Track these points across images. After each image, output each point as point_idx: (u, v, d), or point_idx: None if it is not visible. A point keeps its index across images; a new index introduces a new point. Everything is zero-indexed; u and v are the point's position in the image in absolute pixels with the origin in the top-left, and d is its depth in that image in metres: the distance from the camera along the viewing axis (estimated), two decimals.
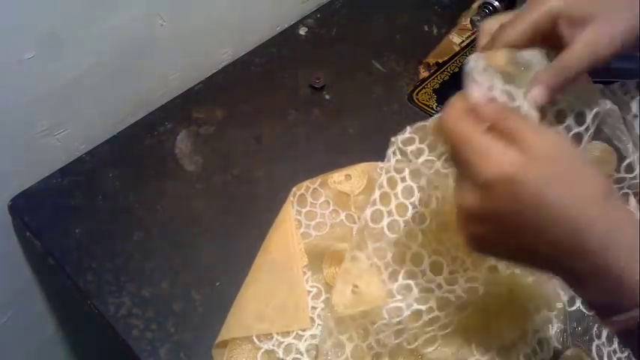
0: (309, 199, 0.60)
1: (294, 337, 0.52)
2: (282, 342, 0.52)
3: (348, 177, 0.61)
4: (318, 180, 0.61)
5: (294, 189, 0.60)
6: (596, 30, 0.39)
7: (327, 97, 0.72)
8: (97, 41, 0.60)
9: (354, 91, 0.73)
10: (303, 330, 0.52)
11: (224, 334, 0.51)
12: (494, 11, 0.61)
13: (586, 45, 0.39)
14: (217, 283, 0.56)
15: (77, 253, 0.58)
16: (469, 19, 0.64)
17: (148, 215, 0.61)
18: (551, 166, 0.33)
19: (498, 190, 0.33)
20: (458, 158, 0.36)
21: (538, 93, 0.39)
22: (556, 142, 0.34)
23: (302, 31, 0.80)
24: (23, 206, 0.62)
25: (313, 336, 0.52)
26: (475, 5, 0.81)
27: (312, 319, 0.53)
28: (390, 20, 0.82)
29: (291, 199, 0.59)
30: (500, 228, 0.35)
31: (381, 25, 0.81)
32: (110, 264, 0.57)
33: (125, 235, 0.59)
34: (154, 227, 0.60)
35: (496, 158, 0.33)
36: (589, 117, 0.42)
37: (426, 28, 0.81)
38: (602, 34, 0.39)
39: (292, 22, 0.81)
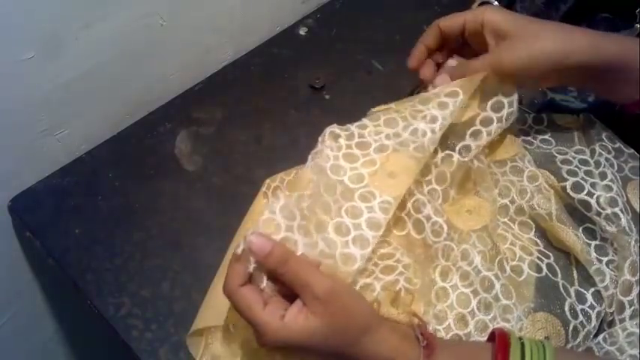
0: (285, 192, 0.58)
1: None
2: None
3: None
4: (293, 172, 0.58)
5: (267, 181, 0.57)
6: (502, 50, 0.51)
7: (327, 97, 0.72)
8: (96, 41, 0.60)
9: (354, 91, 0.73)
10: None
11: (199, 323, 0.50)
12: None
13: (489, 61, 0.51)
14: None
15: (77, 253, 0.58)
16: None
17: (148, 215, 0.61)
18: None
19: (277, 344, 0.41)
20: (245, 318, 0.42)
21: (441, 80, 0.54)
22: (329, 287, 0.40)
23: (302, 31, 0.81)
24: (23, 206, 0.62)
25: None
26: (475, 5, 0.81)
27: None
28: (390, 20, 0.82)
29: (264, 191, 0.57)
30: None
31: (381, 25, 0.81)
32: (110, 264, 0.57)
33: (125, 235, 0.59)
34: (154, 227, 0.60)
35: (269, 337, 0.40)
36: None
37: (425, 28, 0.81)
38: (505, 56, 0.51)
39: (292, 22, 0.81)
